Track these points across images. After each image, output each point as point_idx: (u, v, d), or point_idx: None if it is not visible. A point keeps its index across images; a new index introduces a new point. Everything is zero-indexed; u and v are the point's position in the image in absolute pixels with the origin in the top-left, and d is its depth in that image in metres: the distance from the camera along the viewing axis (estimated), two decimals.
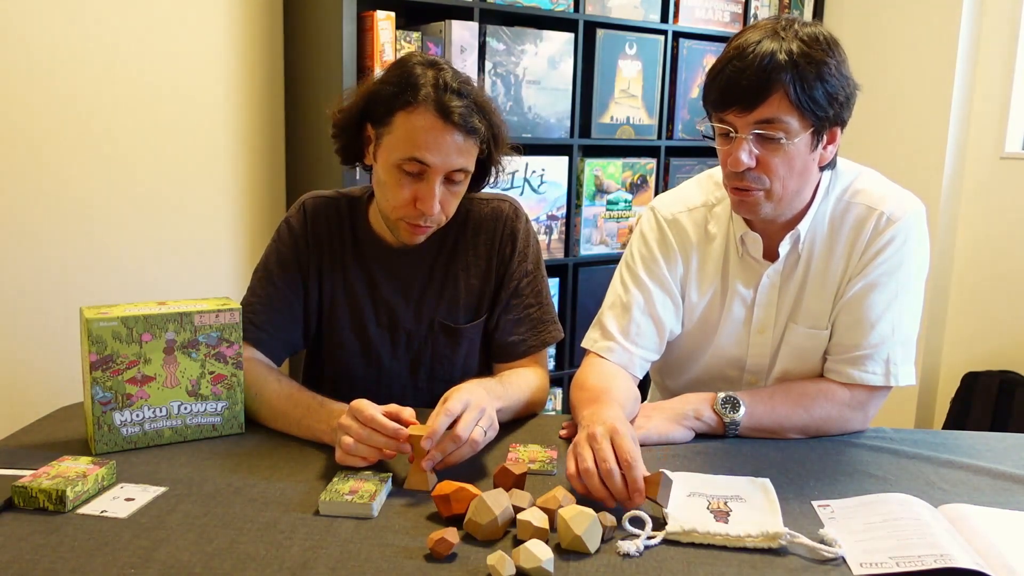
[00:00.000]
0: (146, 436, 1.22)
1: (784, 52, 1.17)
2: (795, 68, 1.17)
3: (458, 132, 1.29)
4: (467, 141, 1.31)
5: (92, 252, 2.28)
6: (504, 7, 2.47)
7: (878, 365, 1.31)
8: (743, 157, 1.21)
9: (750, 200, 1.26)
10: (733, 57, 1.20)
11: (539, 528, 0.94)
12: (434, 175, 1.31)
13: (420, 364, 1.48)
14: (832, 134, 1.26)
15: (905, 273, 1.32)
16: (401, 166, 1.31)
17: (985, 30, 2.89)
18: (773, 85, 1.18)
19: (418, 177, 1.31)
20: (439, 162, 1.30)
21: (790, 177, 1.25)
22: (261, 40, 2.46)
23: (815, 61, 1.18)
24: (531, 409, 1.41)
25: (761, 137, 1.21)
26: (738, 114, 1.21)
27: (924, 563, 0.89)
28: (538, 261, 1.50)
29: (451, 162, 1.30)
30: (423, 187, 1.31)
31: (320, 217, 1.47)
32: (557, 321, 1.50)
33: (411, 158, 1.29)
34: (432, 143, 1.29)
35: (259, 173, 2.52)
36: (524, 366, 1.46)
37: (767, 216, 1.31)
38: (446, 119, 1.28)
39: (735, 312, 1.40)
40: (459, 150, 1.30)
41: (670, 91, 2.93)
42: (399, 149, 1.31)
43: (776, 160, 1.22)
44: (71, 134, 2.21)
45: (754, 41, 1.19)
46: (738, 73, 1.19)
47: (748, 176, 1.24)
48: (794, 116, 1.19)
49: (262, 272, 1.46)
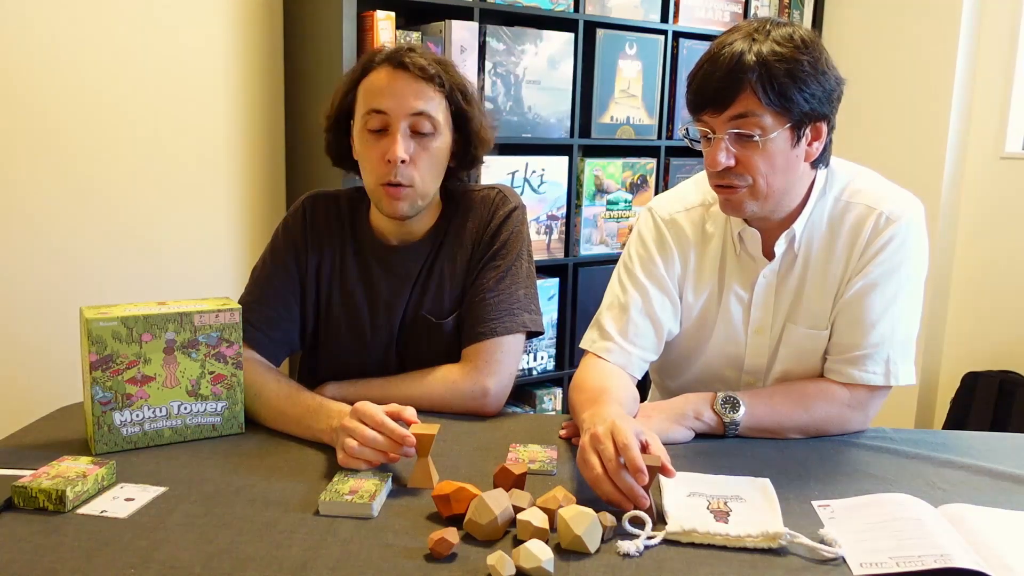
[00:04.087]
0: (146, 436, 1.22)
1: (752, 53, 1.20)
2: (763, 67, 1.20)
3: (411, 76, 1.32)
4: (423, 84, 1.33)
5: (92, 252, 2.28)
6: (504, 7, 2.47)
7: (878, 365, 1.31)
8: (721, 157, 1.24)
9: (735, 198, 1.28)
10: (706, 61, 1.24)
11: (539, 528, 0.94)
12: (395, 122, 1.32)
13: (418, 361, 1.46)
14: (816, 129, 1.26)
15: (905, 273, 1.32)
16: (366, 125, 1.33)
17: (985, 30, 2.88)
18: (741, 84, 1.20)
19: (383, 133, 1.33)
20: (395, 105, 1.31)
21: (772, 174, 1.26)
22: (261, 40, 2.46)
23: (785, 58, 1.20)
24: (438, 408, 1.36)
25: (738, 136, 1.24)
26: (712, 114, 1.24)
27: (924, 563, 0.89)
28: (513, 246, 1.43)
29: (407, 104, 1.31)
30: (387, 140, 1.32)
31: (320, 216, 1.47)
32: (517, 312, 1.40)
33: (369, 110, 1.33)
34: (387, 90, 1.32)
35: (259, 173, 2.52)
36: (464, 358, 1.40)
37: (755, 214, 1.31)
38: (398, 67, 1.33)
39: (732, 312, 1.40)
40: (416, 93, 1.32)
41: (670, 91, 2.93)
42: (361, 109, 1.35)
43: (755, 157, 1.24)
44: (71, 134, 2.21)
45: (728, 43, 1.23)
46: (709, 76, 1.23)
47: (730, 175, 1.26)
48: (766, 113, 1.22)
49: (260, 272, 1.46)
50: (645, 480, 1.00)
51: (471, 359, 1.39)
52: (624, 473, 1.01)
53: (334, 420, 1.19)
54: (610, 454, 1.02)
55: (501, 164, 2.53)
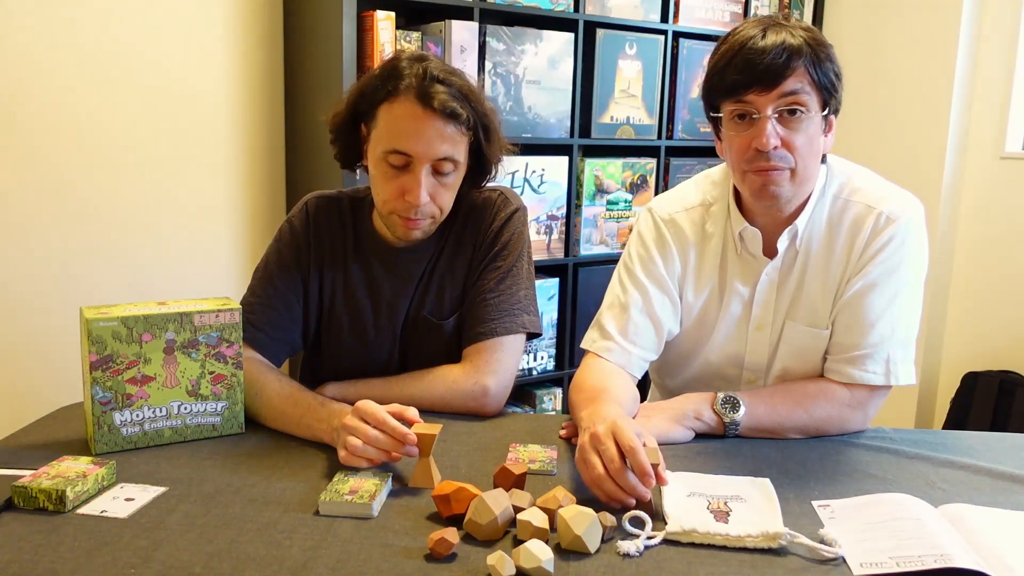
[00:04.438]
0: (146, 436, 1.22)
1: (795, 37, 1.23)
2: (811, 49, 1.23)
3: (439, 119, 1.28)
4: (451, 128, 1.29)
5: (92, 252, 2.28)
6: (504, 7, 2.47)
7: (878, 365, 1.31)
8: (770, 134, 1.23)
9: (777, 179, 1.27)
10: (744, 44, 1.24)
11: (539, 528, 0.94)
12: (419, 165, 1.30)
13: (419, 361, 1.46)
14: (830, 122, 1.31)
15: (905, 272, 1.32)
16: (386, 159, 1.31)
17: (985, 30, 2.88)
18: (793, 62, 1.23)
19: (404, 169, 1.31)
20: (421, 151, 1.29)
21: (810, 156, 1.27)
22: (261, 40, 2.46)
23: (823, 44, 1.26)
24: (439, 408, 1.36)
25: (783, 115, 1.24)
26: (759, 93, 1.23)
27: (924, 563, 0.89)
28: (514, 248, 1.44)
29: (434, 150, 1.29)
30: (409, 179, 1.30)
31: (322, 217, 1.47)
32: (517, 313, 1.41)
33: (394, 150, 1.29)
34: (413, 132, 1.28)
35: (259, 173, 2.52)
36: (464, 357, 1.41)
37: (787, 199, 1.30)
38: (426, 106, 1.27)
39: (733, 310, 1.40)
40: (442, 137, 1.29)
41: (670, 91, 2.93)
42: (383, 142, 1.31)
43: (799, 137, 1.25)
44: (71, 134, 2.21)
45: (759, 31, 1.24)
46: (756, 55, 1.23)
47: (775, 155, 1.25)
48: (813, 92, 1.25)
49: (262, 272, 1.45)
50: (652, 484, 1.01)
51: (471, 359, 1.39)
52: (628, 473, 1.01)
53: (335, 419, 1.19)
54: (612, 454, 1.02)
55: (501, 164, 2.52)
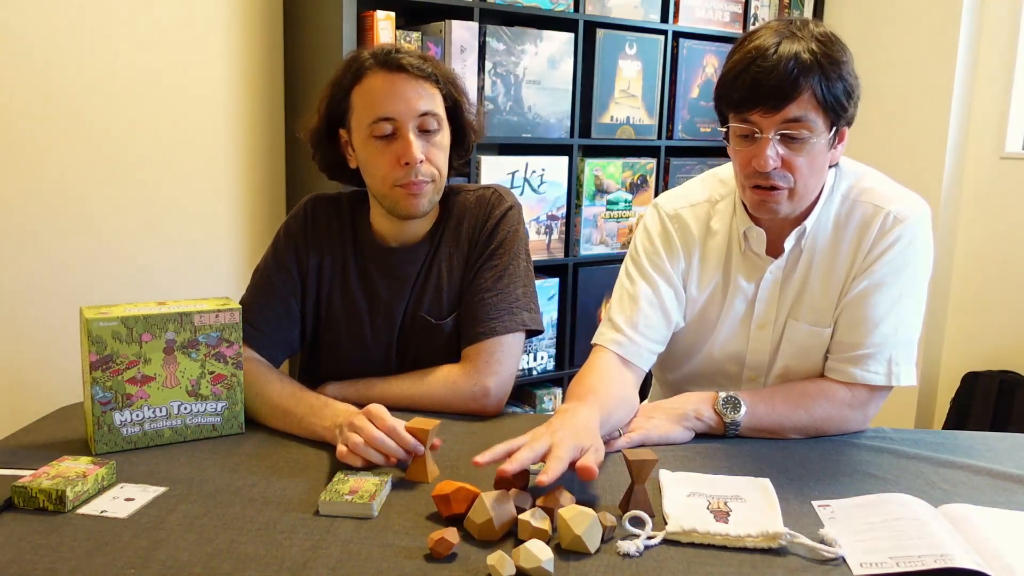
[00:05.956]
0: (146, 436, 1.22)
1: (808, 52, 1.19)
2: (820, 68, 1.19)
3: (410, 77, 1.33)
4: (423, 83, 1.34)
5: (92, 252, 2.28)
6: (504, 7, 2.47)
7: (880, 365, 1.31)
8: (771, 157, 1.22)
9: (775, 198, 1.26)
10: (756, 58, 1.20)
11: (539, 528, 0.94)
12: (404, 127, 1.32)
13: (417, 362, 1.46)
14: (842, 133, 1.28)
15: (910, 273, 1.32)
16: (372, 133, 1.33)
17: (985, 30, 2.88)
18: (801, 85, 1.19)
19: (392, 137, 1.33)
20: (403, 108, 1.32)
21: (811, 175, 1.26)
22: (261, 40, 2.46)
23: (836, 61, 1.21)
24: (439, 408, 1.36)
25: (785, 137, 1.22)
26: (764, 114, 1.22)
27: (924, 563, 0.89)
28: (510, 245, 1.43)
29: (414, 106, 1.32)
30: (399, 143, 1.33)
31: (321, 218, 1.47)
32: (516, 311, 1.40)
33: (376, 119, 1.32)
34: (390, 94, 1.32)
35: (259, 173, 2.52)
36: (464, 358, 1.40)
37: (785, 215, 1.31)
38: (393, 69, 1.33)
39: (736, 307, 1.40)
40: (418, 94, 1.33)
41: (670, 91, 2.93)
42: (364, 118, 1.34)
43: (800, 159, 1.24)
44: (71, 134, 2.21)
45: (773, 43, 1.20)
46: (764, 73, 1.19)
47: (774, 175, 1.24)
48: (820, 115, 1.21)
49: (261, 273, 1.46)
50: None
51: (471, 359, 1.39)
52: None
53: (340, 418, 1.19)
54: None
55: (501, 164, 2.53)
